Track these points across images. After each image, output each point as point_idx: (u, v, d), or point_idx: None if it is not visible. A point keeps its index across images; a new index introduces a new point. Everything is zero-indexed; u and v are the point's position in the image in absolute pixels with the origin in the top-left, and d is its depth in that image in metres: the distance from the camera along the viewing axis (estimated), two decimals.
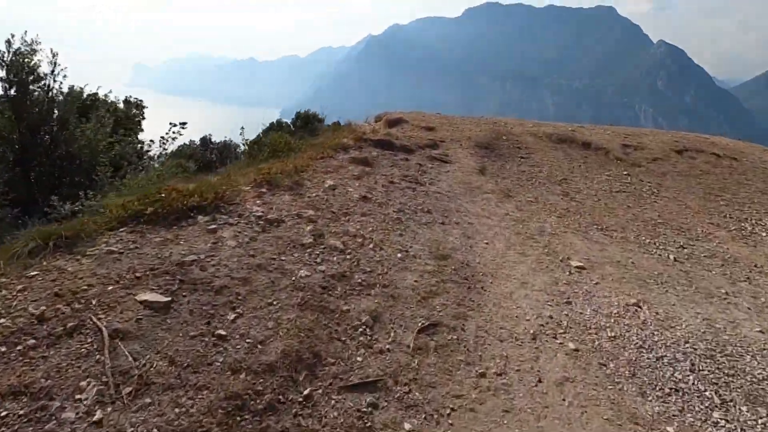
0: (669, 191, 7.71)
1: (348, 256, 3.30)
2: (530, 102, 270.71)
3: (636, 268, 4.55)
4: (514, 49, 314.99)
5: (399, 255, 3.59)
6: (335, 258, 3.21)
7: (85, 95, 11.44)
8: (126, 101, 13.39)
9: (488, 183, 6.71)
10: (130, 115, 12.82)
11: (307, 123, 20.77)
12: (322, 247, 3.29)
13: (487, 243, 4.48)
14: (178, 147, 16.54)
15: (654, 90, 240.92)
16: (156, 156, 13.11)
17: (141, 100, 13.59)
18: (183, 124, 13.85)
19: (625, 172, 8.28)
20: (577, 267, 4.32)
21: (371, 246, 3.57)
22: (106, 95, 11.69)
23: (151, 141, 13.36)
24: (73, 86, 11.01)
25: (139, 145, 14.42)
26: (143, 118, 13.63)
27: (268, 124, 19.50)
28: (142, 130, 14.09)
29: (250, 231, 3.16)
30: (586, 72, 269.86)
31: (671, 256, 5.02)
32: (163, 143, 13.38)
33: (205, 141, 18.93)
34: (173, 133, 13.45)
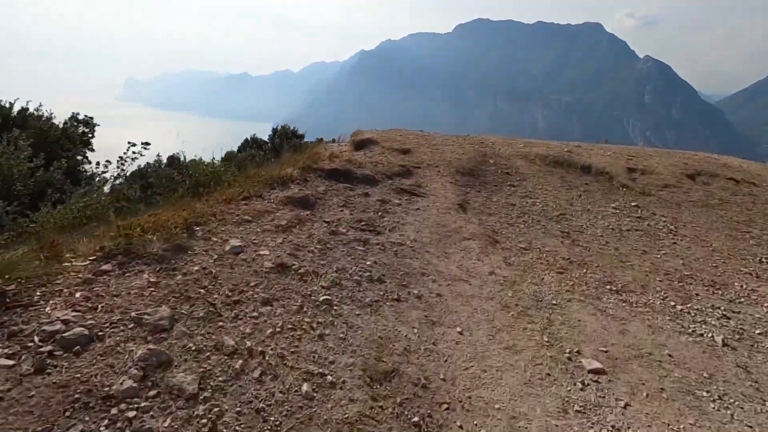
0: (688, 228, 6.40)
1: (200, 409, 1.84)
2: (521, 115, 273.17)
3: (676, 365, 3.15)
4: (504, 64, 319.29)
5: (306, 386, 2.14)
6: (169, 419, 1.76)
7: (15, 112, 9.97)
8: (72, 118, 11.89)
9: (470, 223, 5.31)
10: (70, 133, 11.31)
11: (285, 140, 19.45)
12: (153, 392, 1.84)
13: (460, 332, 3.06)
14: (139, 167, 15.05)
15: (641, 104, 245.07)
16: (111, 178, 11.63)
17: (92, 118, 12.07)
18: (145, 144, 12.41)
19: (633, 203, 6.97)
20: (592, 371, 2.90)
21: (258, 372, 2.12)
22: (36, 109, 10.20)
23: (108, 162, 11.88)
24: None
25: (89, 167, 12.95)
26: (92, 136, 12.10)
27: (243, 140, 18.12)
28: (92, 150, 12.59)
29: (1, 377, 1.72)
30: (575, 86, 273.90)
31: (717, 338, 3.63)
32: (122, 164, 11.90)
33: (174, 160, 17.43)
34: (133, 153, 11.98)
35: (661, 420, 2.55)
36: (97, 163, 12.17)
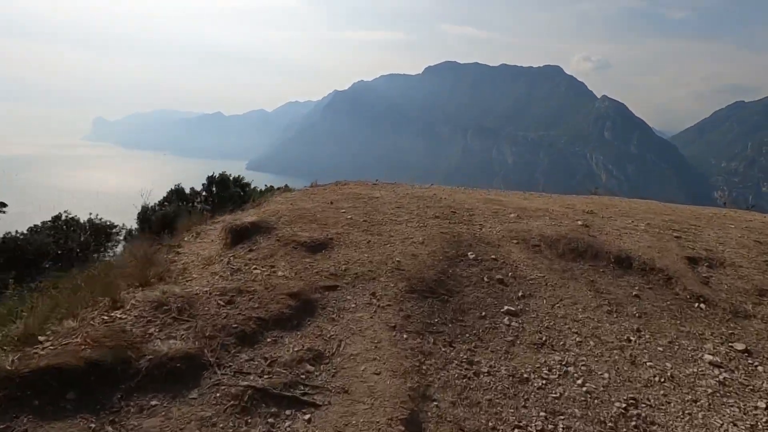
0: None
1: None
2: (490, 151, 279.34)
3: None
4: (472, 103, 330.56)
5: None
6: None
7: None
8: None
9: None
10: None
11: (225, 188, 15.74)
12: None
13: None
14: (6, 236, 11.08)
15: (602, 140, 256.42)
16: None
17: None
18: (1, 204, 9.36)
19: (739, 347, 3.73)
20: None
21: None
22: None
23: None
24: None
25: None
26: None
27: (166, 195, 14.28)
28: None
29: None
30: (539, 124, 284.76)
31: None
32: None
33: (63, 226, 13.18)
34: None
35: None
36: None
